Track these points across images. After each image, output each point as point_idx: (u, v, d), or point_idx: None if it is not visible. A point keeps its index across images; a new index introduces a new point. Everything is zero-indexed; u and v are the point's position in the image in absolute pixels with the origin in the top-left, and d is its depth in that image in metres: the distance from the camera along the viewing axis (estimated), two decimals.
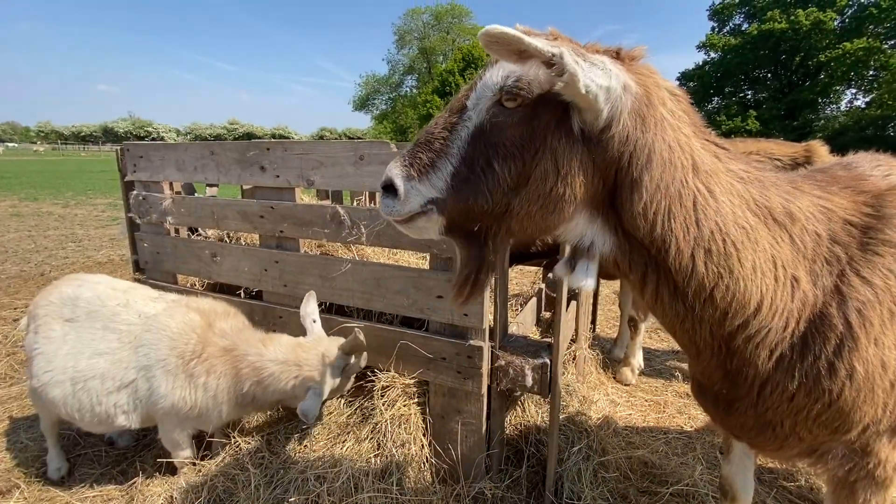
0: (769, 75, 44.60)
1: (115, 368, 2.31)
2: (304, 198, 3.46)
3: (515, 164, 1.06)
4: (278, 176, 2.62)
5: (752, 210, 1.15)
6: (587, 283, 1.17)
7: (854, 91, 40.39)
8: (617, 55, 1.07)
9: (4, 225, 10.67)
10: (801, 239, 1.17)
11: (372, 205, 3.26)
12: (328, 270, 2.61)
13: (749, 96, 46.55)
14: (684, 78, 50.45)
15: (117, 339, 2.36)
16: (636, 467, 2.82)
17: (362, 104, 62.45)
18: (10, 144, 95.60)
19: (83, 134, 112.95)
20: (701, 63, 48.10)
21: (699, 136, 1.14)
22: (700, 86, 46.93)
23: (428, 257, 2.37)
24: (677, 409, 3.65)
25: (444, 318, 2.34)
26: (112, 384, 2.29)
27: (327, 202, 3.42)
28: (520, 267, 6.61)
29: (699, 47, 47.98)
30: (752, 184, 1.16)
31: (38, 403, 2.61)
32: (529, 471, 2.58)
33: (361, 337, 2.11)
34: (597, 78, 0.97)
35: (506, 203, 1.09)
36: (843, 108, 42.00)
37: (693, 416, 3.53)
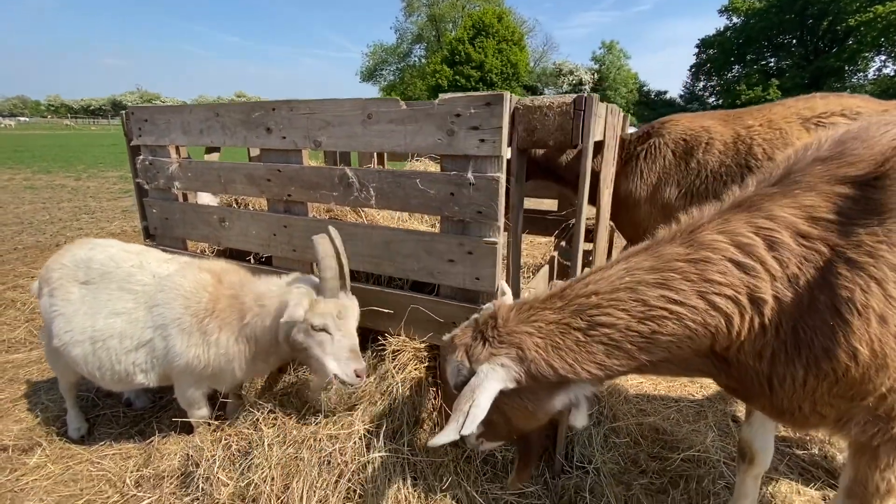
0: (794, 41, 42.62)
1: (131, 328, 2.34)
2: (312, 163, 3.39)
3: (495, 414, 1.48)
4: (284, 137, 2.54)
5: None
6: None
7: (883, 58, 38.44)
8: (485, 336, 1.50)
9: (20, 197, 10.80)
10: (741, 266, 1.27)
11: (381, 167, 3.18)
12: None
13: (771, 64, 44.64)
14: (704, 45, 48.45)
15: (133, 300, 2.38)
16: (647, 433, 2.82)
17: (370, 75, 61.12)
18: (22, 119, 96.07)
19: (92, 108, 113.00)
20: (722, 29, 46.05)
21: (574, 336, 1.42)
22: (720, 53, 45.07)
23: (439, 221, 2.31)
24: (689, 378, 3.62)
25: (456, 283, 2.29)
26: (130, 343, 2.32)
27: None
28: (531, 238, 6.54)
29: (721, 11, 45.82)
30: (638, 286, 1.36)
31: (56, 364, 2.66)
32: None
33: (332, 237, 2.11)
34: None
35: (501, 425, 1.60)
36: (870, 76, 40.11)
37: (705, 385, 3.50)
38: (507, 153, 2.03)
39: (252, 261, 2.95)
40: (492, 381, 1.38)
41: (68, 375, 2.70)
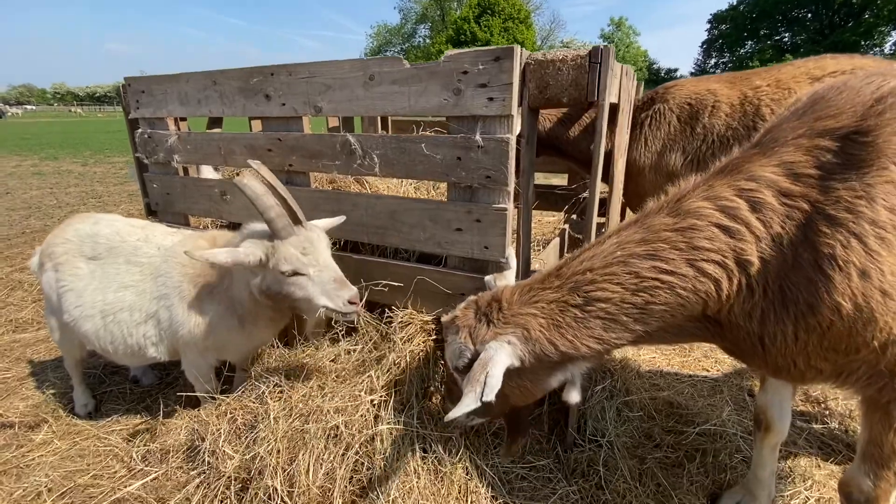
0: (809, 15, 41.22)
1: (140, 300, 2.31)
2: None
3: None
4: (284, 104, 2.44)
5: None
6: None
7: None
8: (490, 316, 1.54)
9: (27, 183, 10.82)
10: (727, 230, 1.28)
11: (383, 132, 3.06)
12: (340, 205, 2.48)
13: (786, 39, 43.28)
14: (716, 20, 47.06)
15: (139, 272, 2.36)
16: (661, 407, 2.75)
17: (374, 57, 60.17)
18: (29, 107, 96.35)
19: (97, 94, 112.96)
20: (735, 3, 44.61)
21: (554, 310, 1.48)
22: (733, 28, 43.75)
23: (446, 188, 2.21)
24: (703, 352, 3.53)
25: (464, 252, 2.20)
26: (139, 315, 2.30)
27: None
28: (539, 216, 6.41)
29: None
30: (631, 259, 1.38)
31: (63, 340, 2.63)
32: (551, 408, 2.53)
33: (258, 170, 1.97)
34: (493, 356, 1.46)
35: (497, 402, 1.53)
36: (887, 50, 38.71)
37: (720, 360, 3.41)
38: (517, 113, 1.92)
39: None
40: (502, 355, 1.42)
41: (74, 352, 2.68)
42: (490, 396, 1.33)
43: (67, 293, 2.40)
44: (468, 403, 1.35)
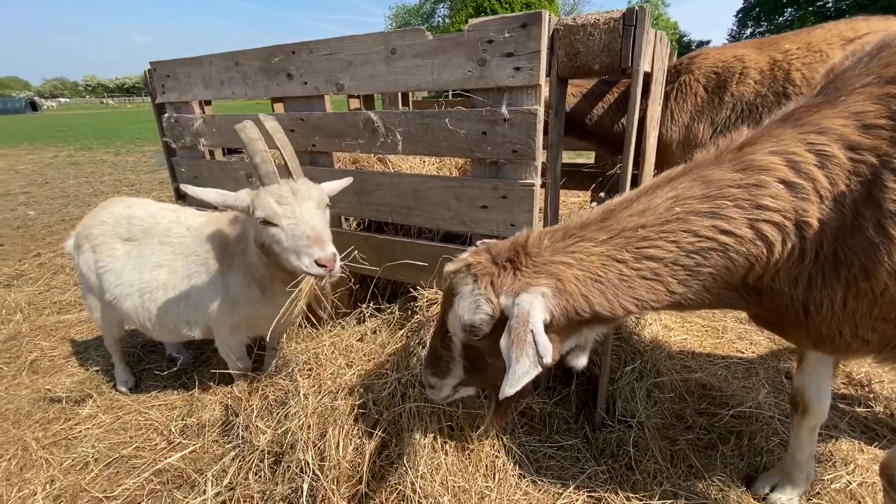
0: None
1: (173, 278, 2.38)
2: None
3: (498, 358, 1.27)
4: (306, 83, 2.42)
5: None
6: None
7: None
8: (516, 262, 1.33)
9: (65, 172, 11.26)
10: (793, 187, 1.19)
11: (412, 101, 3.01)
12: (364, 185, 2.46)
13: (829, 5, 40.48)
14: (745, 10, 44.40)
15: (172, 252, 2.43)
16: (693, 389, 2.67)
17: None
18: (63, 100, 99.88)
19: (126, 86, 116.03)
20: None
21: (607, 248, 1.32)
22: (765, 14, 41.25)
23: (470, 164, 2.16)
24: (737, 334, 3.41)
25: (489, 230, 2.16)
26: (173, 293, 2.37)
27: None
28: (565, 196, 6.28)
29: None
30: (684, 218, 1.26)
31: (103, 319, 2.73)
32: (579, 388, 2.49)
33: (259, 122, 2.04)
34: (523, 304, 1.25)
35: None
36: None
37: (755, 342, 3.29)
38: (545, 82, 1.84)
39: None
40: (538, 310, 1.22)
41: (113, 331, 2.79)
42: (550, 359, 1.17)
43: (107, 273, 2.49)
44: (526, 370, 1.16)
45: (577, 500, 2.02)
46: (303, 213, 1.92)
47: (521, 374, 1.16)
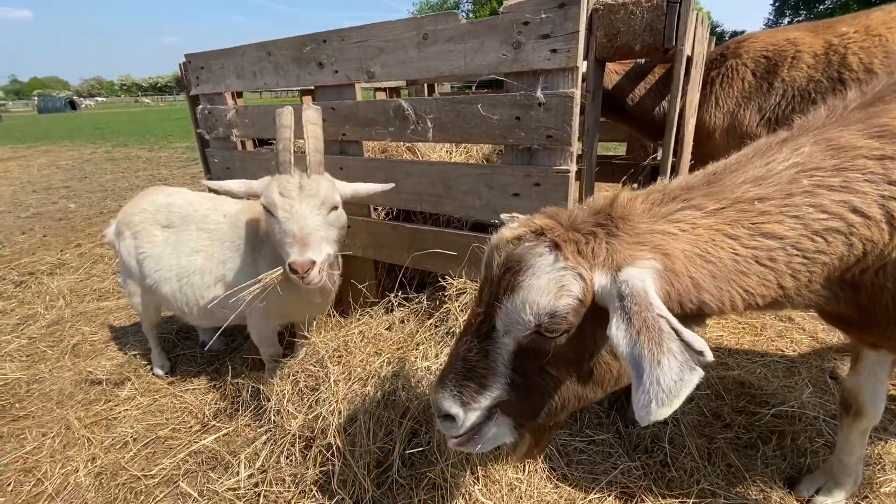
0: None
1: (209, 263, 2.43)
2: None
3: (571, 366, 1.04)
4: (337, 71, 2.42)
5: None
6: None
7: None
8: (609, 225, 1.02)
9: (102, 168, 11.71)
10: None
11: (437, 94, 3.00)
12: (393, 174, 2.45)
13: None
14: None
15: (208, 238, 2.48)
16: (731, 387, 2.58)
17: None
18: (99, 99, 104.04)
19: (159, 85, 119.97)
20: None
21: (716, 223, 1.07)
22: (804, 1, 39.42)
23: (503, 150, 2.12)
24: (777, 332, 3.27)
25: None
26: (210, 278, 2.42)
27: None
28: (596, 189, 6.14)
29: None
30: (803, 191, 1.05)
31: (142, 304, 2.81)
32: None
33: (299, 111, 2.03)
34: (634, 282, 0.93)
35: (576, 392, 1.10)
36: None
37: (796, 341, 3.14)
38: (582, 65, 1.78)
39: None
40: (654, 291, 0.92)
41: (151, 316, 2.87)
42: (710, 354, 0.84)
43: (147, 259, 2.56)
44: (678, 375, 0.80)
45: (609, 496, 1.97)
46: (300, 209, 1.86)
47: (671, 381, 0.79)
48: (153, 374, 2.96)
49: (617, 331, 0.87)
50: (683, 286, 0.99)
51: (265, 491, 1.94)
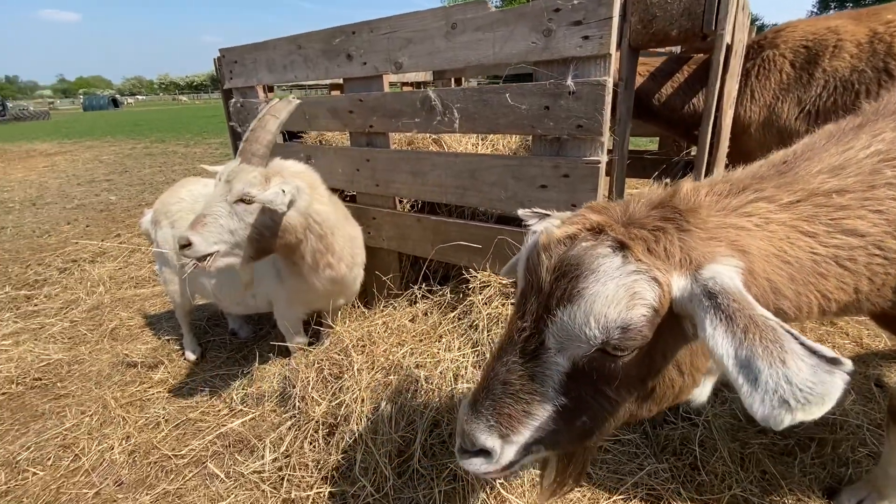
0: None
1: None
2: None
3: (633, 386, 0.93)
4: (365, 63, 2.43)
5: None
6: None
7: None
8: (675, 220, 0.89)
9: (141, 162, 12.20)
10: None
11: (466, 84, 2.99)
12: (419, 166, 2.45)
13: None
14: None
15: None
16: None
17: None
18: (140, 97, 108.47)
19: (195, 83, 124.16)
20: None
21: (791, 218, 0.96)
22: None
23: (530, 140, 2.08)
24: (818, 337, 3.10)
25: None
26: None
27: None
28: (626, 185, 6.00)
29: None
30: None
31: (178, 291, 2.90)
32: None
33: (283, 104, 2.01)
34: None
35: (630, 412, 0.99)
36: None
37: (839, 346, 2.98)
38: (615, 52, 1.73)
39: None
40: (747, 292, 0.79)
41: (185, 303, 2.96)
42: (849, 364, 0.72)
43: None
44: (828, 382, 0.66)
45: (635, 497, 1.92)
46: (214, 192, 1.88)
47: (806, 381, 0.67)
48: (185, 359, 3.06)
49: (714, 331, 0.73)
50: (760, 290, 0.88)
51: (289, 475, 1.97)
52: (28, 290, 4.29)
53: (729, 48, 2.18)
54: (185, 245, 1.77)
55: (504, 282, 2.30)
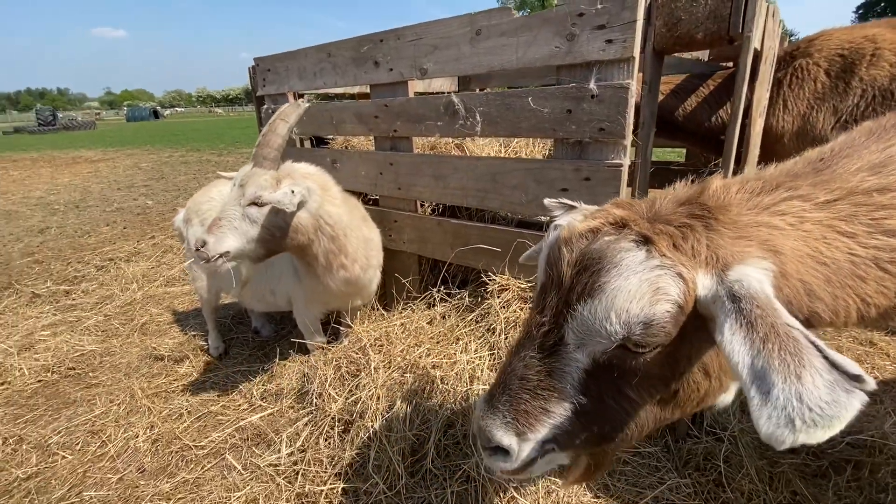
0: None
1: None
2: None
3: (655, 387, 0.90)
4: (391, 69, 2.50)
5: None
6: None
7: None
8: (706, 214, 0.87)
9: (177, 170, 12.74)
10: None
11: (489, 89, 3.03)
12: (441, 169, 2.48)
13: None
14: (868, 5, 39.34)
15: None
16: None
17: None
18: (179, 109, 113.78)
19: (231, 97, 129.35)
20: None
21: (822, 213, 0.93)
22: (890, 7, 36.23)
23: (552, 144, 2.09)
24: (856, 357, 2.95)
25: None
26: (263, 264, 2.53)
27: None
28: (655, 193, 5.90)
29: None
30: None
31: (206, 288, 3.00)
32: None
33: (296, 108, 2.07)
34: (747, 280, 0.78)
35: (653, 416, 0.95)
36: None
37: (879, 367, 2.83)
38: (639, 55, 1.73)
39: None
40: (775, 297, 0.76)
41: (212, 299, 3.06)
42: (872, 382, 0.68)
43: None
44: (844, 401, 0.63)
45: None
46: (228, 196, 1.96)
47: (820, 400, 0.63)
48: (209, 354, 3.14)
49: (732, 336, 0.71)
50: (794, 292, 0.85)
51: (303, 470, 1.99)
52: (67, 285, 4.50)
53: (758, 54, 2.14)
54: (202, 246, 1.86)
55: (522, 286, 2.29)
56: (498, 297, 2.25)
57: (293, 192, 1.86)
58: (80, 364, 3.12)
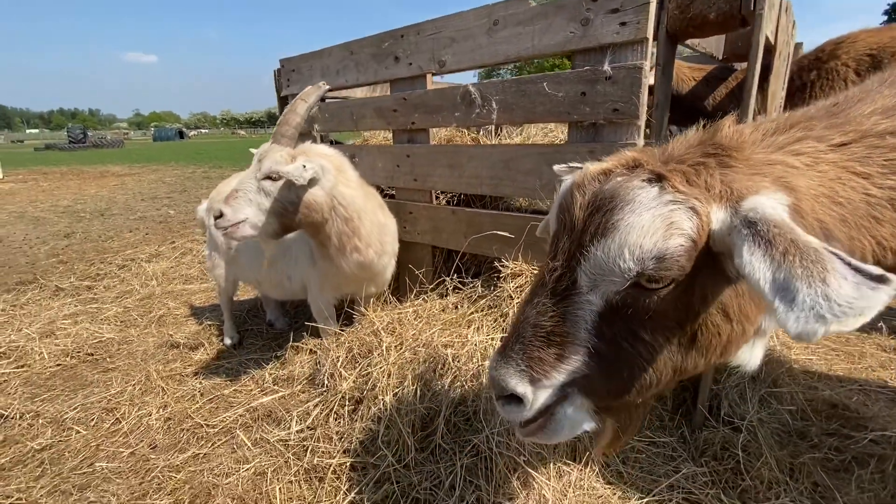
0: None
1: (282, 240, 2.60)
2: None
3: (672, 330, 0.88)
4: (410, 63, 2.59)
5: None
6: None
7: None
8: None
9: (199, 184, 13.13)
10: None
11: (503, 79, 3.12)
12: (457, 158, 2.54)
13: None
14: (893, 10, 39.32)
15: None
16: (821, 408, 2.27)
17: (488, 74, 61.74)
18: (204, 130, 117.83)
19: (253, 119, 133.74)
20: None
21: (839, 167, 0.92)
22: None
23: (566, 129, 2.13)
24: (879, 362, 2.87)
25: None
26: (279, 250, 2.59)
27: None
28: None
29: None
30: None
31: (223, 276, 3.06)
32: (677, 384, 2.25)
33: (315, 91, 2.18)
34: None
35: (674, 364, 0.92)
36: None
37: None
38: (652, 37, 1.78)
39: None
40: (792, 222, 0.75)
41: (229, 288, 3.11)
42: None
43: None
44: (870, 296, 0.63)
45: (670, 501, 1.79)
46: (246, 172, 2.06)
47: (847, 296, 0.64)
48: (223, 344, 3.18)
49: (751, 257, 0.71)
50: (810, 230, 0.83)
51: (313, 446, 1.98)
52: (90, 281, 4.63)
53: (772, 47, 2.18)
54: (218, 216, 1.93)
55: (535, 271, 2.29)
56: (511, 283, 2.25)
57: (305, 167, 1.93)
58: (99, 350, 3.18)
